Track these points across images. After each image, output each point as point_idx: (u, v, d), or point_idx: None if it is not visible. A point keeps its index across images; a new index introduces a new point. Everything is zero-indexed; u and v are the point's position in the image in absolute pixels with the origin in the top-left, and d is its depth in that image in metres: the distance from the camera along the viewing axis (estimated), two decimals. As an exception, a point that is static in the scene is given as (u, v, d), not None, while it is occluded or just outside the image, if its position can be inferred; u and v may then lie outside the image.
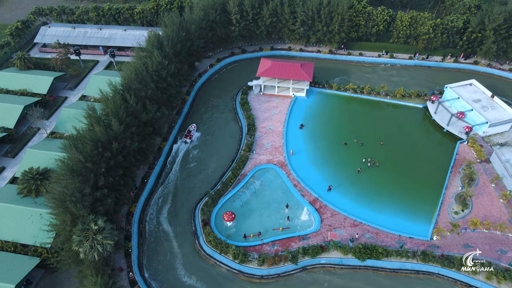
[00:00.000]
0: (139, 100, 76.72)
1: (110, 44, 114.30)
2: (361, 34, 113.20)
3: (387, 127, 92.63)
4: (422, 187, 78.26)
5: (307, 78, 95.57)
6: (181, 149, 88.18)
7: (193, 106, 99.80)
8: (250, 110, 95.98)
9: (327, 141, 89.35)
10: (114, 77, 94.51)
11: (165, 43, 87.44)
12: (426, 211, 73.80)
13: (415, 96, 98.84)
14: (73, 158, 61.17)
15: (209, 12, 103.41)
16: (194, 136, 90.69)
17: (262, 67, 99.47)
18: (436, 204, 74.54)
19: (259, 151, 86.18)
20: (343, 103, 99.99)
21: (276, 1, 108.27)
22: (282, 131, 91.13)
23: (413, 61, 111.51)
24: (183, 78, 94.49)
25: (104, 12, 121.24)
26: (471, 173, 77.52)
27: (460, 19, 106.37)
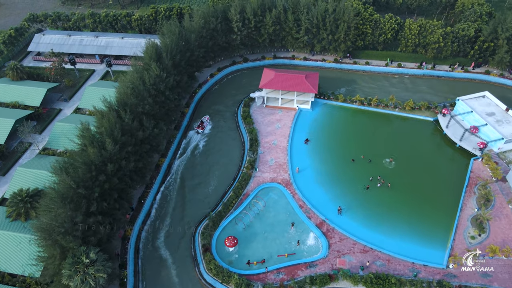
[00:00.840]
0: (135, 117, 72.44)
1: (107, 53, 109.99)
2: (367, 42, 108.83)
3: (396, 142, 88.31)
4: (435, 209, 73.88)
5: (312, 90, 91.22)
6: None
7: (193, 119, 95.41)
8: (253, 123, 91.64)
9: (333, 157, 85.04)
10: (109, 89, 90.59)
11: (163, 55, 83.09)
12: (440, 235, 69.44)
13: (425, 108, 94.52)
14: (64, 184, 56.79)
15: (210, 20, 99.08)
16: (206, 128, 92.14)
17: (265, 78, 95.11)
18: (451, 227, 70.22)
19: (263, 169, 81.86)
20: (349, 115, 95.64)
21: (279, 8, 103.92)
22: (287, 146, 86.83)
23: (422, 71, 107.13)
24: (182, 90, 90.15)
25: (101, 18, 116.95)
26: (487, 193, 73.19)
27: (472, 27, 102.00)
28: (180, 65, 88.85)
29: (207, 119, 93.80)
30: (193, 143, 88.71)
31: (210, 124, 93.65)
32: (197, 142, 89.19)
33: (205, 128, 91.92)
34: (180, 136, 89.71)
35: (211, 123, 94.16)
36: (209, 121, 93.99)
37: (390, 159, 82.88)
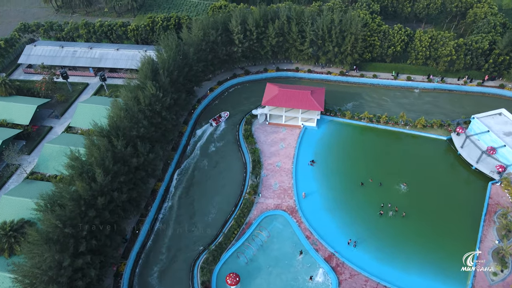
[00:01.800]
0: (129, 142, 67.09)
1: (101, 65, 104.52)
2: (375, 55, 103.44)
3: (408, 163, 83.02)
4: (453, 239, 68.55)
5: (318, 108, 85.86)
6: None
7: (191, 139, 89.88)
8: (255, 143, 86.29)
9: (341, 180, 79.74)
10: (102, 106, 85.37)
11: (160, 72, 77.63)
12: (459, 270, 64.02)
13: (437, 126, 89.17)
14: (49, 223, 51.40)
15: (209, 32, 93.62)
16: (222, 124, 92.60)
17: (268, 94, 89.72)
18: (471, 262, 64.87)
19: (266, 194, 76.54)
20: (357, 134, 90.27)
21: (283, 19, 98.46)
22: (291, 168, 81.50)
23: (432, 84, 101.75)
24: (180, 108, 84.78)
25: (95, 28, 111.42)
26: (508, 224, 67.85)
27: (486, 40, 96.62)
28: (178, 81, 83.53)
29: (226, 115, 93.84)
30: (192, 164, 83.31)
31: (225, 123, 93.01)
32: (195, 162, 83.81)
33: (220, 124, 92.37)
34: (178, 157, 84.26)
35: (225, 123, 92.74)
36: (226, 119, 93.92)
37: (404, 183, 77.48)
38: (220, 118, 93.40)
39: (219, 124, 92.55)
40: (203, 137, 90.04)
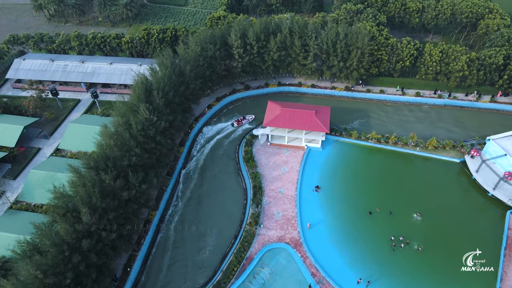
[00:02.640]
0: (119, 173, 61.67)
1: (94, 81, 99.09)
2: (383, 70, 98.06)
3: (419, 189, 77.73)
4: (472, 276, 63.18)
5: (323, 129, 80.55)
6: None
7: (188, 160, 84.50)
8: (256, 167, 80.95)
9: (348, 208, 74.48)
10: (94, 126, 79.95)
11: (154, 93, 72.20)
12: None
13: (450, 147, 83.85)
14: (28, 275, 46.01)
15: (207, 47, 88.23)
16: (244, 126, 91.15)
17: (269, 114, 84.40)
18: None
19: (268, 224, 71.24)
20: (365, 155, 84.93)
21: (285, 32, 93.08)
22: (295, 195, 76.19)
23: (443, 101, 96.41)
24: (176, 130, 79.32)
25: (88, 41, 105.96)
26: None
27: (500, 54, 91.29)
28: (173, 101, 78.15)
29: (250, 118, 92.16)
30: (189, 190, 77.96)
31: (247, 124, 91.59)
32: (192, 187, 78.50)
33: (242, 126, 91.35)
34: (174, 182, 78.87)
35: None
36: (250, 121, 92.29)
37: (418, 213, 72.12)
38: (243, 120, 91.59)
39: (241, 125, 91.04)
40: (201, 158, 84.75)
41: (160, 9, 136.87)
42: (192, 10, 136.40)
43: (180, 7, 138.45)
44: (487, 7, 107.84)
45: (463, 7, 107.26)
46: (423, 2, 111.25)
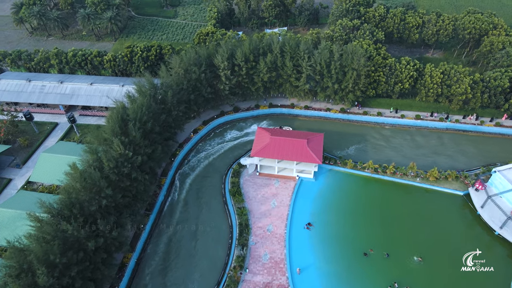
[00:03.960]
0: (87, 219, 55.54)
1: (72, 103, 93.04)
2: (380, 92, 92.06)
3: (419, 226, 71.73)
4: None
5: (315, 161, 74.44)
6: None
7: (170, 193, 78.32)
8: (243, 201, 74.83)
9: (342, 249, 68.34)
10: (69, 156, 74.03)
11: (130, 126, 66.03)
12: None
13: (452, 178, 77.75)
14: None
15: (192, 70, 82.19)
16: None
17: (258, 142, 78.31)
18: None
19: (254, 268, 65.07)
20: (360, 187, 78.88)
21: (276, 52, 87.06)
22: (284, 233, 70.05)
23: (445, 124, 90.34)
24: (156, 163, 73.13)
25: (68, 58, 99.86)
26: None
27: (505, 76, 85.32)
28: (153, 131, 72.04)
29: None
30: (171, 227, 71.80)
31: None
32: (175, 223, 72.39)
33: None
34: (154, 218, 72.71)
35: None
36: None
37: (419, 258, 65.93)
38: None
39: None
40: (184, 189, 78.69)
41: (148, 22, 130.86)
42: (182, 22, 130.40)
43: (169, 19, 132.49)
44: (491, 22, 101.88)
45: (466, 23, 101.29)
46: (424, 17, 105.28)
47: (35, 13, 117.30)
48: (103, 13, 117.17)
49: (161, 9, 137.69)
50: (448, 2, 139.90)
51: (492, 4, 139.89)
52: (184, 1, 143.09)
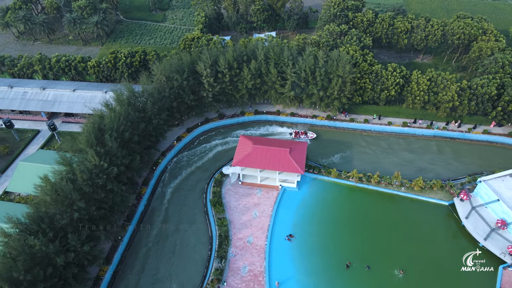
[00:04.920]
0: (57, 233, 54.19)
1: (54, 110, 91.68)
2: (366, 99, 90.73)
3: (403, 237, 70.48)
4: None
5: (297, 170, 73.07)
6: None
7: (151, 203, 76.94)
8: (224, 211, 73.45)
9: (323, 261, 66.96)
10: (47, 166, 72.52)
11: (106, 136, 64.64)
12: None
13: (438, 188, 76.41)
14: None
15: (173, 77, 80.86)
16: (304, 139, 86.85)
17: (239, 151, 76.97)
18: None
19: (232, 282, 63.70)
20: (344, 197, 77.58)
21: (260, 58, 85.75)
22: (265, 245, 68.65)
23: (432, 131, 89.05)
24: (135, 172, 71.79)
25: (52, 64, 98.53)
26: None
27: (493, 84, 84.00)
28: (132, 141, 70.70)
29: (311, 136, 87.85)
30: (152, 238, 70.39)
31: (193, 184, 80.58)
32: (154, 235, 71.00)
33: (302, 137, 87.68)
34: (133, 230, 71.30)
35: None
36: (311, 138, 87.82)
37: (401, 271, 64.54)
38: (304, 134, 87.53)
39: (297, 138, 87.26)
40: (166, 199, 77.36)
41: (136, 26, 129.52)
42: (170, 27, 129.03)
43: (157, 23, 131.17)
44: (480, 27, 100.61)
45: (455, 28, 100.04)
46: (413, 22, 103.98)
47: (20, 17, 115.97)
48: (90, 17, 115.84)
49: (149, 13, 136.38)
50: (440, 6, 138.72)
51: (485, 8, 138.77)
52: (173, 4, 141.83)
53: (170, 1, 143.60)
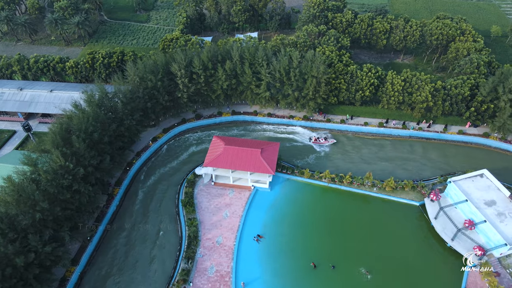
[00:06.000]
0: (18, 234, 54.30)
1: (31, 110, 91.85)
2: (342, 99, 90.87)
3: (372, 237, 70.59)
4: None
5: (268, 171, 73.25)
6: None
7: (123, 203, 76.98)
8: (195, 212, 73.61)
9: (290, 262, 67.13)
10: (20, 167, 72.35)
11: (73, 137, 64.72)
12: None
13: (409, 188, 76.56)
14: None
15: (147, 78, 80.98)
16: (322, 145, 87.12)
17: (212, 151, 77.20)
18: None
19: (199, 282, 63.84)
20: (316, 197, 77.73)
21: (235, 59, 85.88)
22: (233, 245, 68.77)
23: (408, 132, 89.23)
24: (105, 172, 71.88)
25: (30, 65, 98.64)
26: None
27: (466, 84, 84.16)
28: (102, 142, 70.80)
29: (331, 141, 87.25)
30: (121, 239, 70.47)
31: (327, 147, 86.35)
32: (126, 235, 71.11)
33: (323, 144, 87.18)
34: (103, 230, 71.37)
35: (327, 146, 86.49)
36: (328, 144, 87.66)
37: (366, 271, 64.71)
38: (324, 139, 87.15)
39: (316, 143, 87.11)
40: (138, 199, 77.49)
41: (119, 26, 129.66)
42: (154, 27, 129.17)
43: (141, 23, 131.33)
44: (459, 28, 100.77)
45: (433, 29, 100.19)
46: (392, 23, 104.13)
47: (2, 18, 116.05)
48: (71, 18, 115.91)
49: (134, 13, 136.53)
50: (424, 7, 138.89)
51: (468, 9, 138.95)
52: (158, 5, 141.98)
53: (155, 2, 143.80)
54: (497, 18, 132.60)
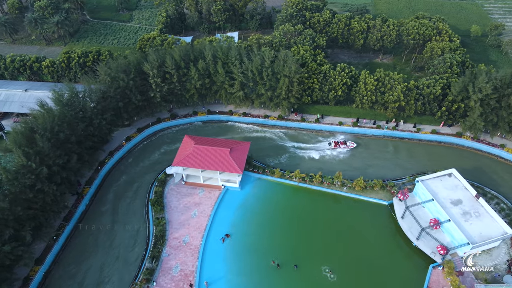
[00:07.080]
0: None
1: (5, 110, 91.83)
2: (316, 99, 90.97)
3: (340, 236, 70.74)
4: None
5: (236, 170, 73.36)
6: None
7: (93, 203, 77.00)
8: (163, 211, 73.71)
9: (255, 261, 67.28)
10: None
11: (37, 137, 64.71)
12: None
13: (378, 188, 76.72)
14: None
15: (119, 77, 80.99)
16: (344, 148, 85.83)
17: (181, 151, 77.34)
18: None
19: (163, 281, 63.92)
20: (286, 196, 77.84)
21: (208, 59, 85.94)
22: (199, 245, 68.88)
23: (382, 131, 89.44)
24: (72, 171, 71.87)
25: (7, 64, 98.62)
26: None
27: (438, 84, 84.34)
28: (69, 141, 70.79)
29: (351, 146, 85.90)
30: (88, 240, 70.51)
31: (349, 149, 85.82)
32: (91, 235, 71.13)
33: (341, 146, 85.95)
34: (70, 230, 71.39)
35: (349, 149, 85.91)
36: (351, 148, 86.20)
37: (330, 271, 64.84)
38: (343, 144, 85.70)
39: (337, 147, 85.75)
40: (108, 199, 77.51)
41: (101, 26, 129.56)
42: (136, 26, 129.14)
43: (123, 23, 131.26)
44: (435, 28, 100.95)
45: (410, 28, 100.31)
46: (369, 22, 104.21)
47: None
48: (51, 17, 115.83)
49: (116, 13, 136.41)
50: (406, 6, 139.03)
51: (451, 8, 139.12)
52: (141, 5, 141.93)
53: (138, 1, 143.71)
54: (479, 18, 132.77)
